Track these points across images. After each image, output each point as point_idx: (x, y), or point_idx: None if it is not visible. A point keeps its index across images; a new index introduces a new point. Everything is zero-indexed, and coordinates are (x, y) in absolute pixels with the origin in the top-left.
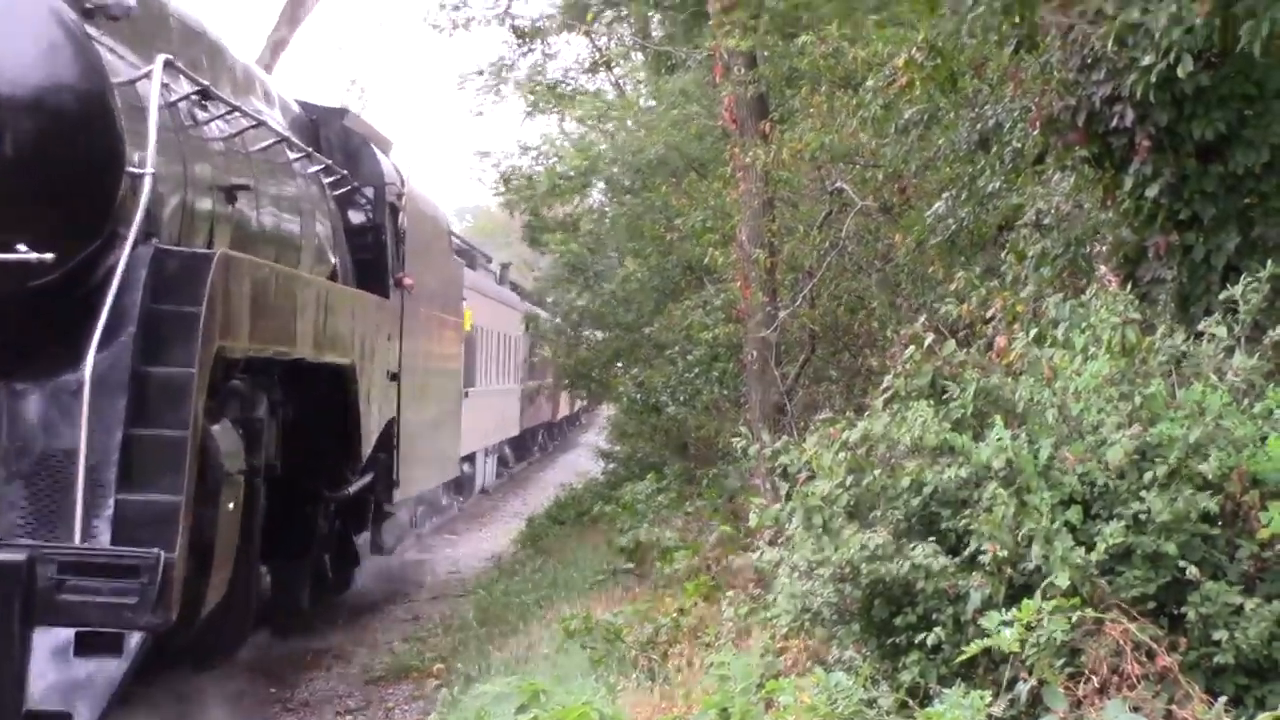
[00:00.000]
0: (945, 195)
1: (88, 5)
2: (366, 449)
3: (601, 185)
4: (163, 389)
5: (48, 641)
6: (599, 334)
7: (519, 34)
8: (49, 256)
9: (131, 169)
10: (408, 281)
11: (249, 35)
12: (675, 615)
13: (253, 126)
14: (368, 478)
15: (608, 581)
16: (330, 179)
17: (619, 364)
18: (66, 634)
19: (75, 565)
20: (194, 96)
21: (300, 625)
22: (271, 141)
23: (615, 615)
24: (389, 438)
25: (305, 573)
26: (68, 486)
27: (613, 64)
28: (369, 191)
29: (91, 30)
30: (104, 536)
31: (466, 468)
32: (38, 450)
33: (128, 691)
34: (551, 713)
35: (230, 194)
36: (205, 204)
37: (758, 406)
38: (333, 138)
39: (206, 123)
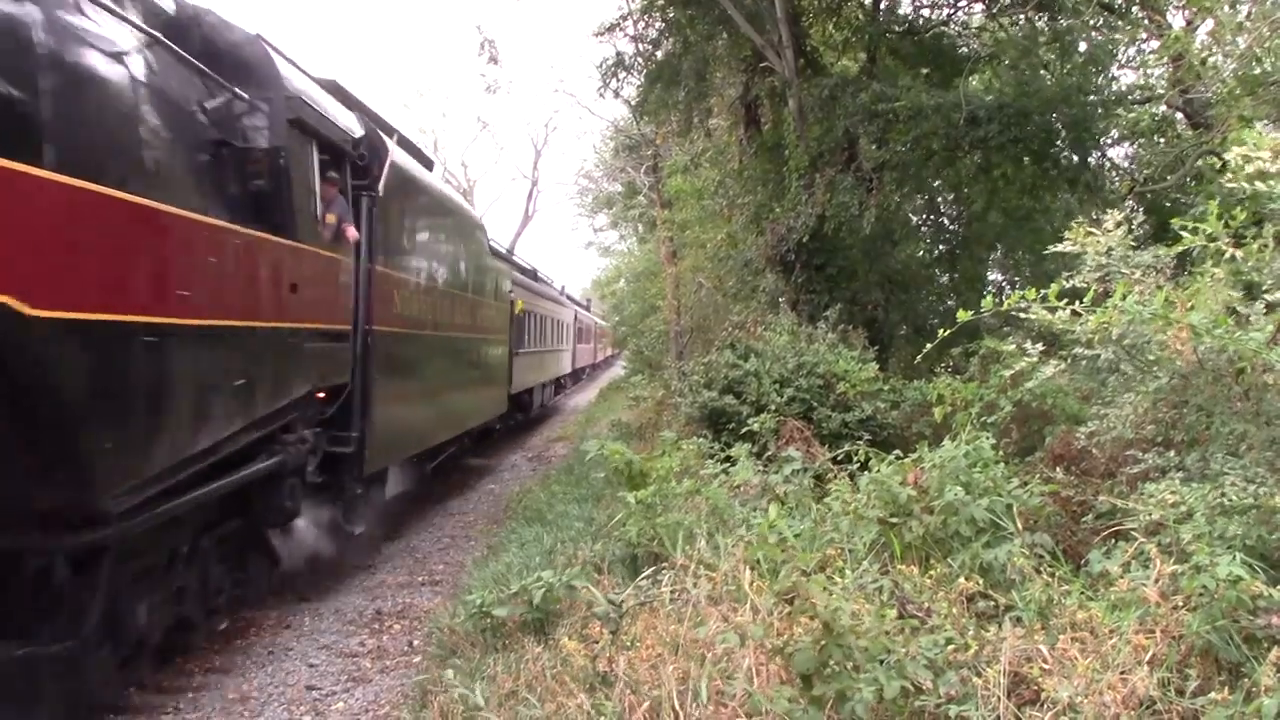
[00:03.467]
0: (731, 283)
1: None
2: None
3: (624, 280)
4: None
5: None
6: (624, 327)
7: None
8: None
9: None
10: (351, 232)
11: None
12: (649, 418)
13: None
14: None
15: (628, 406)
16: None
17: (630, 338)
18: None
19: None
20: None
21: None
22: None
23: (628, 421)
24: (347, 397)
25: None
26: None
27: (625, 237)
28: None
29: None
30: None
31: (525, 398)
32: None
33: None
34: (608, 450)
35: None
36: None
37: (674, 352)
38: (213, 41)
39: None
